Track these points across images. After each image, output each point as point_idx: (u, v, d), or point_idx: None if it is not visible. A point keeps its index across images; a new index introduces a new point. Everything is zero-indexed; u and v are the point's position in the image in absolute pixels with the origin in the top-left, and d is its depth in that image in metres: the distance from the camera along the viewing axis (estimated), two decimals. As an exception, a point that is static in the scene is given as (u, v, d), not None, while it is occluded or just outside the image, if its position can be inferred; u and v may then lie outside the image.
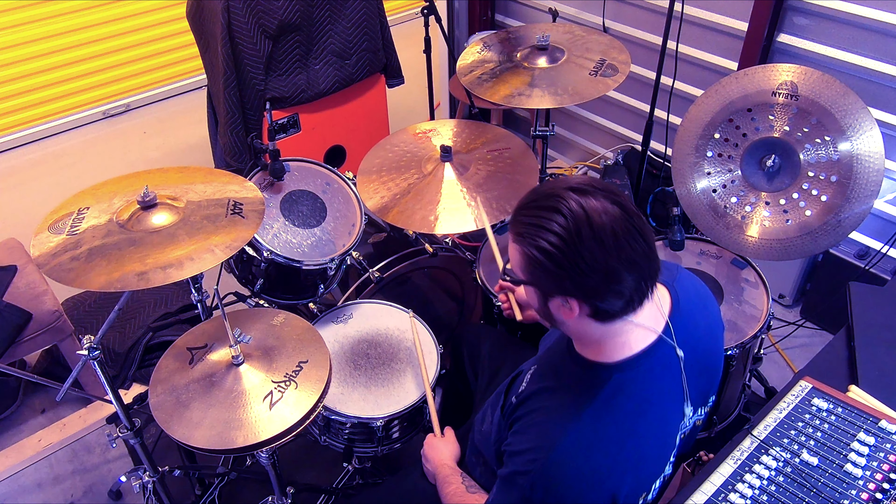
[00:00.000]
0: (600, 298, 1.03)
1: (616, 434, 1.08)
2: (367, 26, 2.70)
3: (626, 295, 1.03)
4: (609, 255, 0.99)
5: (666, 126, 2.91)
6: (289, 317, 1.69)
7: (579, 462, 1.05)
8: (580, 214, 0.99)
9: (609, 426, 1.07)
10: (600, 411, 1.08)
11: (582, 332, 1.12)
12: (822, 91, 1.75)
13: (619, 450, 1.07)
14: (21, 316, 2.22)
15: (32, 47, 3.09)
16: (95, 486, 2.29)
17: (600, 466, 1.06)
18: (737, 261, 2.01)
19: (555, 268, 1.01)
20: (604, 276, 1.01)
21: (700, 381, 1.22)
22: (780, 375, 2.46)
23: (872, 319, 1.55)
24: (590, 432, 1.07)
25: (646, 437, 1.11)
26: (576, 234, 0.99)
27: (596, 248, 0.99)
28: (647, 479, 1.15)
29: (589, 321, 1.07)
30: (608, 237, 0.99)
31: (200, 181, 1.60)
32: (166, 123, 3.56)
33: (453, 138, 2.14)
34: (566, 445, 1.06)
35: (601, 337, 1.10)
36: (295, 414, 1.45)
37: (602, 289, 1.02)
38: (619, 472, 1.08)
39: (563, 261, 1.00)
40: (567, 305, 1.05)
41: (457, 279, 2.34)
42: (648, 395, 1.11)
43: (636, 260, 1.01)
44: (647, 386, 1.11)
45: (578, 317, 1.06)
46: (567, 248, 0.99)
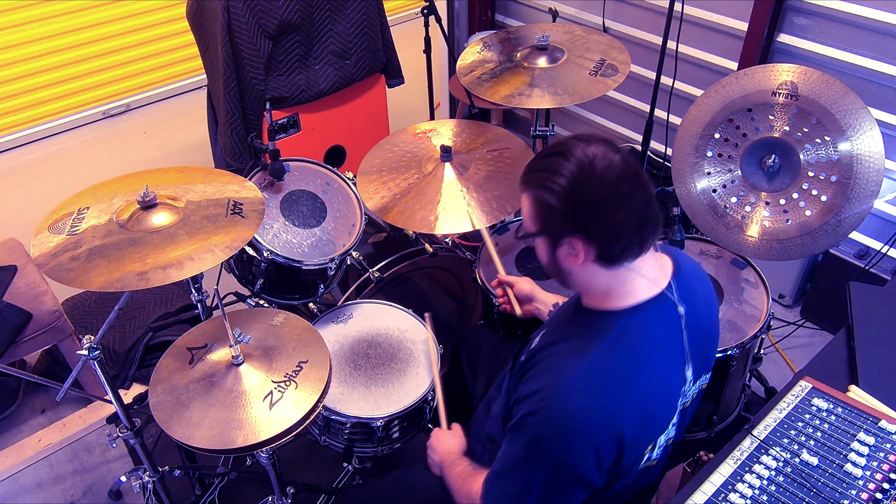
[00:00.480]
0: (603, 238, 1.09)
1: (622, 373, 1.12)
2: (367, 26, 2.70)
3: (627, 234, 1.09)
4: (609, 192, 1.07)
5: (666, 126, 2.91)
6: (289, 317, 1.69)
7: (587, 397, 1.09)
8: (583, 157, 1.08)
9: (616, 365, 1.12)
10: (607, 351, 1.12)
11: (589, 281, 1.17)
12: (822, 91, 1.75)
13: (625, 388, 1.11)
14: (21, 316, 2.22)
15: (32, 47, 3.09)
16: (95, 486, 2.29)
17: (607, 402, 1.09)
18: (737, 261, 2.01)
19: (564, 206, 1.09)
20: (607, 213, 1.08)
21: (700, 348, 1.25)
22: (780, 375, 2.46)
23: (872, 319, 1.55)
24: (597, 370, 1.11)
25: (650, 382, 1.14)
26: (580, 172, 1.08)
27: (598, 185, 1.07)
28: (652, 427, 1.18)
29: (595, 267, 1.13)
30: (609, 177, 1.07)
31: (200, 181, 1.60)
32: (166, 123, 3.56)
33: (453, 138, 2.14)
34: (574, 381, 1.10)
35: (607, 285, 1.16)
36: (295, 414, 1.45)
37: (606, 226, 1.08)
38: (626, 409, 1.11)
39: (569, 199, 1.08)
40: (574, 251, 1.12)
41: (457, 279, 2.34)
42: (652, 343, 1.15)
43: (635, 200, 1.09)
44: (652, 334, 1.16)
45: (584, 262, 1.13)
46: (572, 186, 1.08)
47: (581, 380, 1.10)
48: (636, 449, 1.16)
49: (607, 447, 1.10)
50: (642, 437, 1.16)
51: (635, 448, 1.15)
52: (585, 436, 1.08)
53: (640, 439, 1.16)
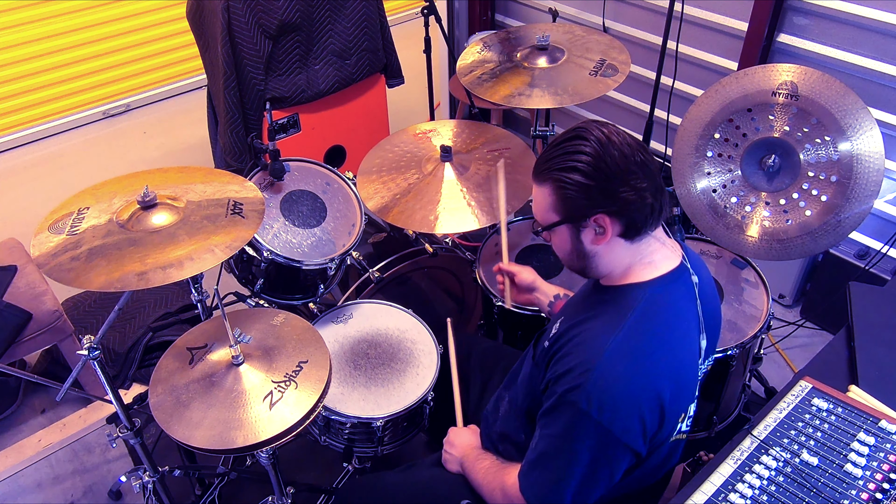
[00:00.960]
0: (628, 206, 1.14)
1: (656, 340, 1.16)
2: (367, 26, 2.70)
3: (649, 203, 1.15)
4: (629, 161, 1.14)
5: (666, 126, 2.91)
6: (289, 317, 1.69)
7: (627, 366, 1.12)
8: (600, 135, 1.15)
9: (647, 334, 1.16)
10: (638, 322, 1.16)
11: (613, 261, 1.21)
12: (822, 91, 1.75)
13: (661, 354, 1.15)
14: (21, 316, 2.22)
15: (32, 47, 3.09)
16: (95, 486, 2.29)
17: (647, 368, 1.13)
18: (737, 261, 2.01)
19: (590, 181, 1.14)
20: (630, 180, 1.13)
21: (710, 323, 1.28)
22: (780, 375, 2.46)
23: (872, 319, 1.55)
24: (631, 340, 1.14)
25: (680, 348, 1.19)
26: (601, 148, 1.13)
27: (620, 156, 1.13)
28: (685, 394, 1.22)
29: (619, 244, 1.18)
30: (626, 149, 1.14)
31: (200, 181, 1.60)
32: (166, 123, 3.57)
33: (453, 138, 2.15)
34: (611, 352, 1.13)
35: (630, 262, 1.21)
36: (295, 414, 1.45)
37: (630, 196, 1.14)
38: (663, 374, 1.14)
39: (595, 172, 1.13)
40: (600, 229, 1.17)
41: (457, 279, 2.34)
42: (678, 311, 1.20)
43: (651, 168, 1.16)
44: (676, 303, 1.20)
45: (611, 240, 1.17)
46: (597, 160, 1.13)
47: (618, 350, 1.13)
48: (673, 415, 1.19)
49: (650, 412, 1.13)
50: (677, 403, 1.19)
51: (673, 414, 1.18)
52: (630, 402, 1.11)
53: (676, 406, 1.19)
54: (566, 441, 1.16)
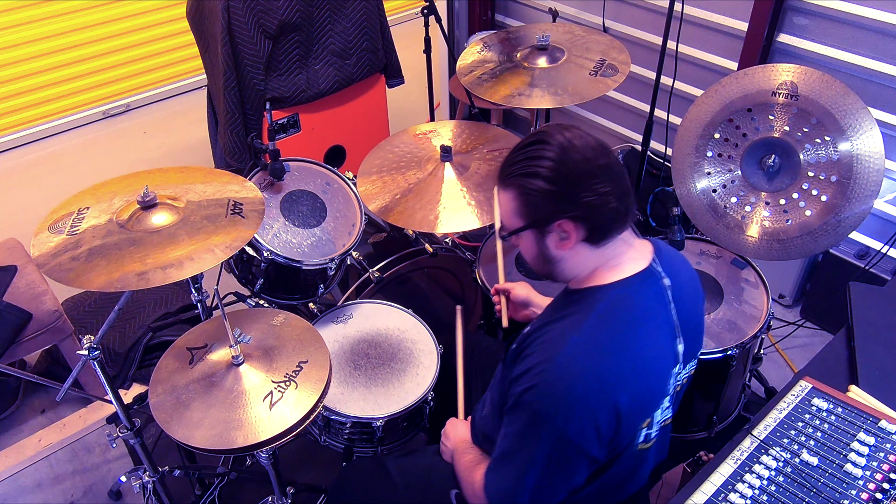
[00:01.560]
0: (592, 211, 1.13)
1: (615, 341, 1.13)
2: (367, 26, 2.70)
3: (613, 207, 1.13)
4: (591, 166, 1.12)
5: (666, 126, 2.91)
6: (289, 317, 1.69)
7: (582, 365, 1.10)
8: (563, 139, 1.13)
9: (609, 333, 1.14)
10: (598, 322, 1.15)
11: (579, 265, 1.20)
12: (822, 91, 1.75)
13: (619, 355, 1.13)
14: (21, 316, 2.22)
15: (32, 47, 3.09)
16: (95, 486, 2.29)
17: (602, 369, 1.11)
18: (737, 261, 2.01)
19: (551, 186, 1.12)
20: (592, 186, 1.11)
21: (688, 326, 1.25)
22: (780, 375, 2.46)
23: (872, 319, 1.55)
24: (591, 339, 1.13)
25: (643, 351, 1.15)
26: (563, 152, 1.12)
27: (582, 160, 1.12)
28: (647, 400, 1.18)
29: (584, 249, 1.17)
30: (589, 152, 1.13)
31: (200, 181, 1.60)
32: (166, 123, 3.57)
33: (453, 139, 2.15)
34: (568, 352, 1.12)
35: (596, 264, 1.19)
36: (295, 414, 1.45)
37: (593, 200, 1.12)
38: (621, 376, 1.12)
39: (557, 178, 1.12)
40: (564, 235, 1.15)
41: (457, 279, 2.34)
42: (643, 314, 1.17)
43: (614, 171, 1.14)
44: (641, 304, 1.18)
45: (575, 245, 1.16)
46: (559, 165, 1.12)
47: (575, 349, 1.11)
48: (633, 421, 1.16)
49: (604, 415, 1.11)
50: (638, 408, 1.16)
51: (632, 420, 1.16)
52: (583, 403, 1.09)
53: (636, 411, 1.16)
54: (522, 441, 1.15)
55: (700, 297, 1.36)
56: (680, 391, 1.33)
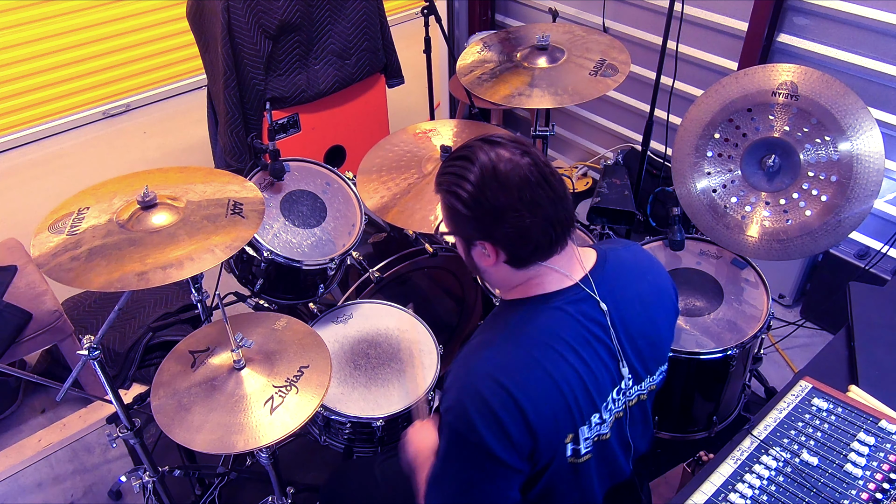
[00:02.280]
0: (510, 242, 1.11)
1: (522, 354, 1.12)
2: (367, 26, 2.70)
3: (534, 239, 1.11)
4: (512, 198, 1.08)
5: (666, 126, 2.91)
6: (290, 321, 1.69)
7: (492, 378, 1.09)
8: (487, 162, 1.09)
9: (519, 345, 1.13)
10: (511, 334, 1.15)
11: (503, 279, 1.20)
12: (822, 91, 1.75)
13: (526, 367, 1.11)
14: (21, 316, 2.22)
15: (32, 47, 3.09)
16: (95, 486, 2.29)
17: (510, 379, 1.09)
18: (737, 261, 2.01)
19: (468, 212, 1.10)
20: (511, 219, 1.09)
21: (636, 347, 1.22)
22: (780, 375, 2.46)
23: (872, 319, 1.55)
24: (500, 353, 1.13)
25: (555, 366, 1.12)
26: (483, 179, 1.08)
27: (501, 192, 1.08)
28: (564, 413, 1.14)
29: (506, 267, 1.16)
30: (513, 183, 1.08)
31: (200, 181, 1.60)
32: (166, 123, 3.56)
33: (453, 138, 2.14)
34: (479, 367, 1.12)
35: (520, 281, 1.18)
36: (295, 419, 1.45)
37: (511, 232, 1.10)
38: (526, 391, 1.09)
39: (474, 205, 1.09)
40: (485, 252, 1.14)
41: (457, 279, 2.34)
42: (559, 329, 1.15)
43: (541, 204, 1.09)
44: (559, 320, 1.15)
45: (496, 263, 1.15)
46: (477, 193, 1.09)
47: (484, 366, 1.11)
48: (550, 434, 1.13)
49: (515, 426, 1.08)
50: (552, 422, 1.13)
51: (549, 433, 1.12)
52: (493, 417, 1.08)
53: (550, 425, 1.13)
54: (447, 461, 1.15)
55: (660, 310, 1.29)
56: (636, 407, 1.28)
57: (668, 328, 1.32)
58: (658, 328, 1.28)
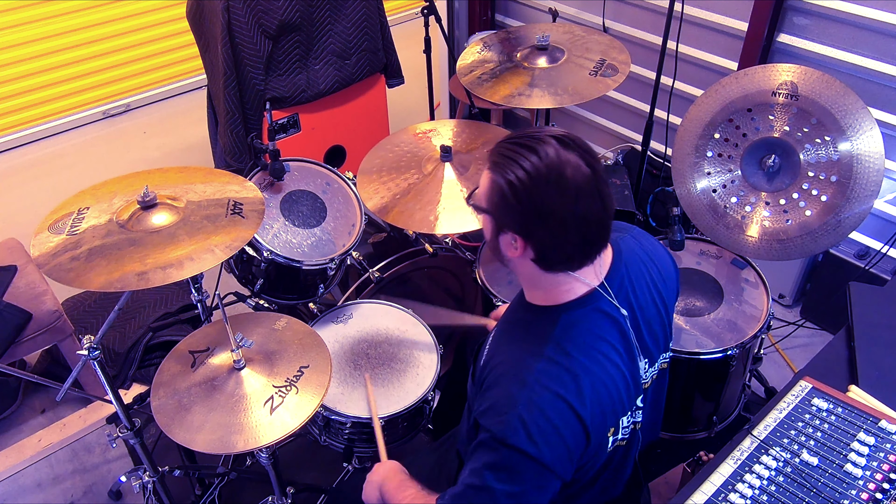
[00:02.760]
0: (543, 245, 1.09)
1: (577, 364, 1.12)
2: (367, 26, 2.70)
3: (569, 251, 1.10)
4: (565, 206, 1.05)
5: (666, 126, 2.91)
6: (290, 321, 1.69)
7: (549, 392, 1.09)
8: (553, 160, 1.04)
9: (569, 356, 1.12)
10: (558, 346, 1.13)
11: (528, 276, 1.18)
12: (822, 91, 1.75)
13: (583, 378, 1.11)
14: (21, 316, 2.22)
15: (32, 47, 3.09)
16: (95, 486, 2.29)
17: (567, 392, 1.10)
18: (737, 261, 2.01)
19: (514, 202, 1.06)
20: (554, 225, 1.06)
21: (649, 338, 1.25)
22: (780, 375, 2.46)
23: (872, 319, 1.55)
24: (552, 364, 1.11)
25: (601, 369, 1.15)
26: (543, 176, 1.04)
27: (555, 195, 1.05)
28: (611, 410, 1.17)
29: (531, 265, 1.13)
30: (570, 190, 1.04)
31: (200, 181, 1.60)
32: (166, 123, 3.57)
33: (453, 138, 2.14)
34: (535, 380, 1.10)
35: (545, 284, 1.17)
36: (295, 419, 1.45)
37: (548, 237, 1.08)
38: (585, 396, 1.11)
39: (523, 197, 1.06)
40: (514, 244, 1.11)
41: (457, 279, 2.34)
42: (598, 330, 1.16)
43: (589, 221, 1.07)
44: (595, 321, 1.17)
45: (522, 257, 1.13)
46: (530, 186, 1.05)
47: (538, 379, 1.10)
48: (600, 434, 1.16)
49: (573, 438, 1.10)
50: (603, 423, 1.16)
51: (599, 433, 1.15)
52: (555, 431, 1.08)
53: (602, 426, 1.16)
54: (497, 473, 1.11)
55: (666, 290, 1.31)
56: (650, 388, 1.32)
57: (673, 306, 1.36)
58: (668, 309, 1.33)
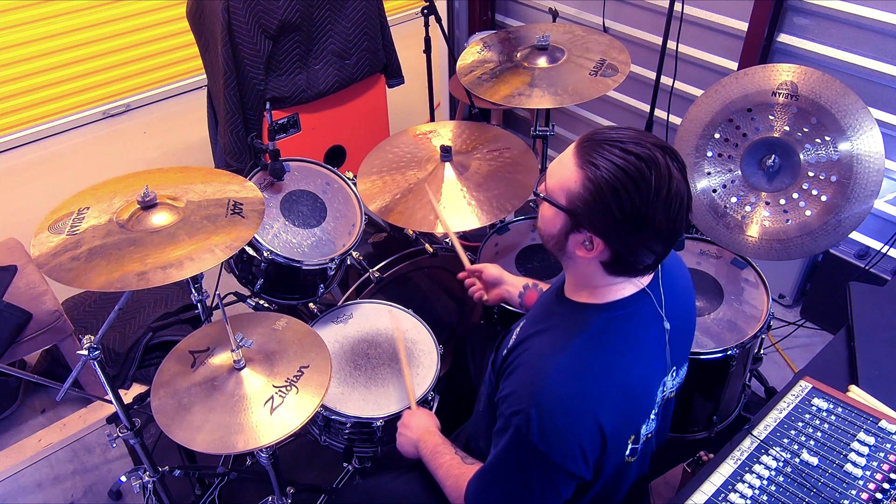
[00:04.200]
0: (625, 251, 1.07)
1: (604, 363, 1.11)
2: (367, 26, 2.70)
3: (648, 261, 1.09)
4: (663, 220, 1.03)
5: (666, 126, 2.91)
6: (290, 321, 1.68)
7: (566, 392, 1.08)
8: (664, 173, 1.02)
9: (598, 355, 1.12)
10: (589, 343, 1.12)
11: (585, 275, 1.16)
12: (822, 91, 1.75)
13: (606, 377, 1.11)
14: (21, 316, 2.22)
15: (32, 47, 3.09)
16: (95, 486, 2.29)
17: (588, 391, 1.09)
18: (737, 261, 2.01)
19: (615, 207, 1.03)
20: (648, 236, 1.05)
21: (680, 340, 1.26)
22: (780, 375, 2.46)
23: (872, 319, 1.55)
24: (578, 360, 1.11)
25: (628, 375, 1.13)
26: (655, 188, 1.01)
27: (662, 208, 1.03)
28: (632, 420, 1.17)
29: (599, 268, 1.12)
30: (675, 204, 1.04)
31: (200, 181, 1.60)
32: (166, 123, 3.57)
33: (453, 139, 2.15)
34: (557, 373, 1.09)
35: (599, 284, 1.15)
36: (295, 419, 1.45)
37: (633, 245, 1.06)
38: (604, 401, 1.10)
39: (627, 205, 1.02)
40: (589, 245, 1.09)
41: (457, 279, 2.34)
42: (634, 335, 1.16)
43: (678, 234, 1.07)
44: (633, 326, 1.16)
45: (593, 259, 1.11)
46: (637, 196, 1.01)
47: (561, 374, 1.09)
48: (619, 438, 1.16)
49: (589, 439, 1.10)
50: (622, 429, 1.16)
51: (618, 438, 1.15)
52: (570, 429, 1.08)
53: (621, 431, 1.16)
54: (510, 464, 1.14)
55: (692, 298, 1.34)
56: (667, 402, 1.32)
57: (695, 317, 1.38)
58: (693, 318, 1.35)
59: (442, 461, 1.37)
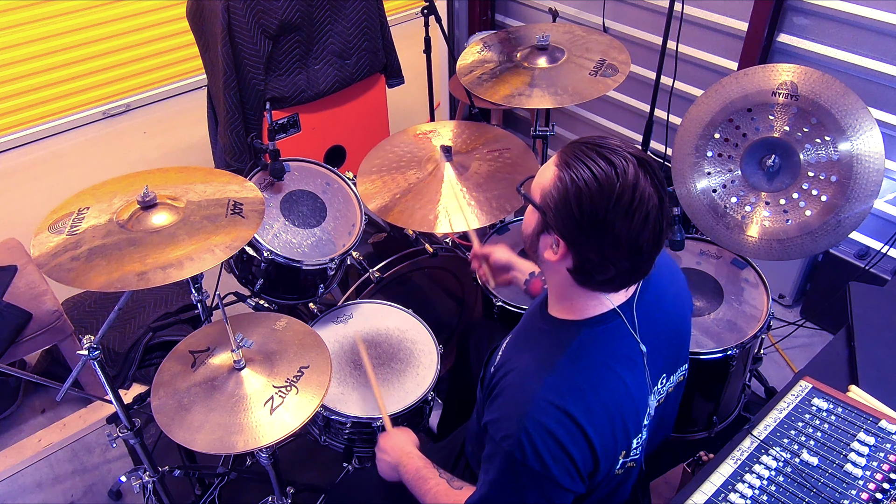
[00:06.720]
0: (588, 261, 1.06)
1: (589, 381, 1.10)
2: (367, 26, 2.70)
3: (611, 275, 1.07)
4: (624, 230, 1.01)
5: (666, 126, 2.91)
6: (290, 321, 1.68)
7: (555, 408, 1.07)
8: (629, 181, 1.00)
9: (582, 373, 1.10)
10: (572, 360, 1.11)
11: (560, 285, 1.15)
12: (822, 91, 1.75)
13: (593, 396, 1.09)
14: (21, 316, 2.22)
15: (32, 47, 3.09)
16: (95, 486, 2.29)
17: (577, 412, 1.07)
18: (737, 261, 2.01)
19: (574, 206, 1.02)
20: (606, 245, 1.03)
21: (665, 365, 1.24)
22: (780, 375, 2.46)
23: (872, 319, 1.55)
24: (563, 379, 1.09)
25: (615, 390, 1.12)
26: (615, 193, 1.00)
27: (622, 218, 1.00)
28: (621, 434, 1.15)
29: (566, 274, 1.11)
30: (639, 217, 1.01)
31: (200, 181, 1.60)
32: (166, 123, 3.57)
33: (453, 139, 2.14)
34: (543, 395, 1.08)
35: (572, 295, 1.14)
36: (295, 419, 1.45)
37: (595, 255, 1.05)
38: (592, 418, 1.09)
39: (586, 205, 1.01)
40: (555, 248, 1.08)
41: (457, 279, 2.34)
42: (613, 352, 1.14)
43: (643, 253, 1.04)
44: (614, 340, 1.14)
45: (558, 263, 1.09)
46: (597, 198, 1.00)
47: (547, 395, 1.08)
48: (610, 455, 1.14)
49: (581, 455, 1.09)
50: (613, 443, 1.14)
51: (609, 454, 1.14)
52: (561, 448, 1.07)
53: (612, 446, 1.14)
54: (504, 489, 1.12)
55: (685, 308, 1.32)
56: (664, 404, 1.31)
57: (689, 323, 1.36)
58: (687, 326, 1.32)
59: (427, 487, 1.32)
